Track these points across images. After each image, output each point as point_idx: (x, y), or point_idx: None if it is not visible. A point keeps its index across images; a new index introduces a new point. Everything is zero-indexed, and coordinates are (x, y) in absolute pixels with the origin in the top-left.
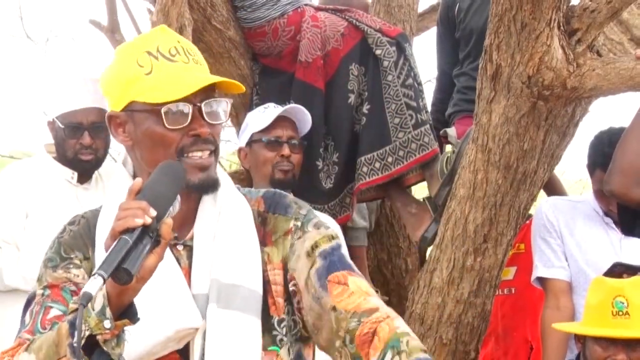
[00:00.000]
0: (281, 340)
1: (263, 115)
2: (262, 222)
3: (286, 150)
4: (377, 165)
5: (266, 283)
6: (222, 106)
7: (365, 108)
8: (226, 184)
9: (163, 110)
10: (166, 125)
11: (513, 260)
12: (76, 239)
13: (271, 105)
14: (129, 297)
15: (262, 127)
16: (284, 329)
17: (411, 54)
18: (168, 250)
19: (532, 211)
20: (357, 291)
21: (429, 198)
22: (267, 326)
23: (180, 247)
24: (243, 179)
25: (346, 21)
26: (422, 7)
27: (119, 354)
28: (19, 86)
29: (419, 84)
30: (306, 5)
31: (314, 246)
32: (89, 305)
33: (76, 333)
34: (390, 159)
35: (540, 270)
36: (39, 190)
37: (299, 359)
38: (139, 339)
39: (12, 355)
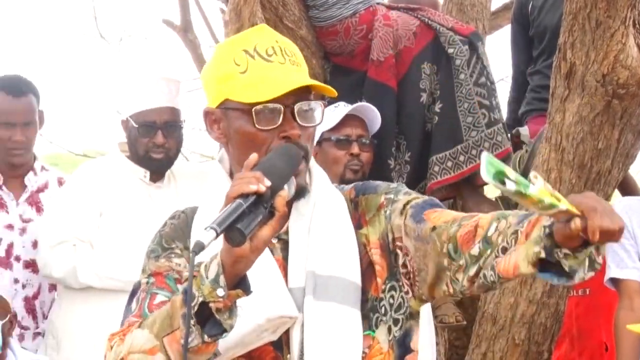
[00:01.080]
0: (378, 320)
1: (333, 114)
2: (355, 207)
3: (355, 149)
4: (449, 164)
5: (368, 265)
6: (316, 109)
7: (438, 107)
8: (320, 178)
9: (254, 110)
10: (256, 125)
11: None
12: (176, 231)
13: (341, 104)
14: (242, 268)
15: (331, 126)
16: (382, 309)
17: (484, 52)
18: None
19: None
20: (455, 212)
21: (501, 197)
22: (364, 311)
23: (274, 240)
24: None
25: (418, 20)
26: (494, 5)
27: (231, 325)
28: (92, 85)
29: (492, 82)
30: (378, 4)
31: (406, 203)
32: (203, 272)
33: (188, 295)
34: (462, 158)
35: (613, 271)
36: (113, 189)
37: (405, 338)
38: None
39: (124, 335)
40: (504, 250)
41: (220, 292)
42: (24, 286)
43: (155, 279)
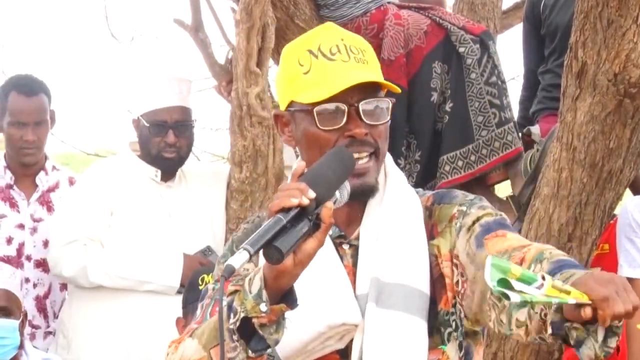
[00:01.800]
0: (450, 335)
1: None
2: (429, 216)
3: None
4: (460, 163)
5: (440, 277)
6: (382, 106)
7: (448, 106)
8: (395, 179)
9: (316, 110)
10: (319, 125)
11: (597, 261)
12: (247, 235)
13: None
14: (286, 282)
15: None
16: (454, 323)
17: (495, 51)
18: (332, 247)
19: (617, 211)
20: (515, 238)
21: (512, 197)
22: (435, 323)
23: (346, 247)
24: None
25: (429, 19)
26: (506, 4)
27: (276, 340)
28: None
29: (503, 81)
30: (389, 3)
31: (476, 220)
32: (247, 287)
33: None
34: (473, 158)
35: (625, 270)
36: (124, 188)
37: (467, 356)
38: (293, 333)
39: (179, 343)
40: None
41: (263, 307)
42: (34, 285)
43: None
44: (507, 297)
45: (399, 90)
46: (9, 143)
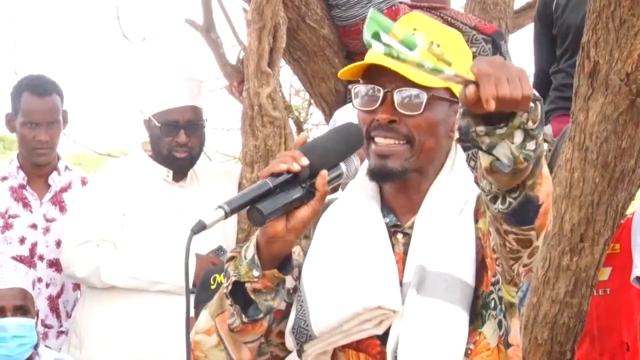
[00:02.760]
0: (489, 315)
1: (352, 113)
2: (477, 200)
3: None
4: (472, 163)
5: (482, 260)
6: (420, 97)
7: None
8: (460, 176)
9: (354, 90)
10: (355, 105)
11: (608, 261)
12: None
13: None
14: (280, 248)
15: None
16: (492, 302)
17: (507, 51)
18: (386, 234)
19: (629, 211)
20: None
21: None
22: (476, 309)
23: (399, 236)
24: None
25: (441, 19)
26: (517, 4)
27: (270, 307)
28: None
29: None
30: (400, 2)
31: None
32: (243, 253)
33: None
34: None
35: (639, 269)
36: (136, 189)
37: (506, 332)
38: (330, 311)
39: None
40: None
41: (256, 272)
42: (47, 285)
43: None
44: (370, 45)
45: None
46: (22, 143)
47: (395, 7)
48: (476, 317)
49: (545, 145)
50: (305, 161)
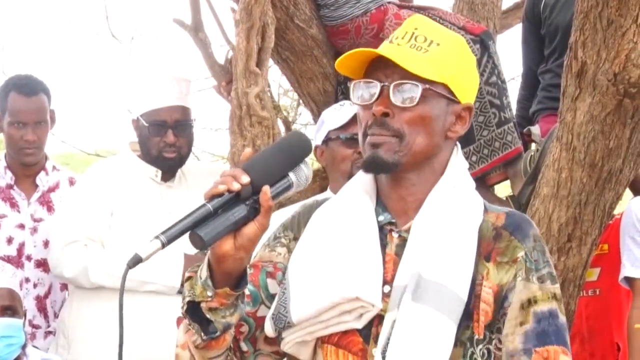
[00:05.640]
0: (472, 357)
1: (339, 112)
2: (496, 237)
3: None
4: (472, 159)
5: (476, 297)
6: (411, 89)
7: None
8: (461, 185)
9: (353, 84)
10: (353, 101)
11: (597, 261)
12: (294, 220)
13: (347, 102)
14: (232, 266)
15: (339, 125)
16: (481, 352)
17: (495, 51)
18: (376, 231)
19: (616, 211)
20: None
21: (512, 197)
22: (464, 339)
23: (395, 235)
24: (325, 177)
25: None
26: (506, 4)
27: (227, 324)
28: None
29: (503, 81)
30: (389, 2)
31: (532, 300)
32: (199, 272)
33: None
34: (474, 158)
35: (628, 269)
36: (124, 189)
37: None
38: (308, 301)
39: None
40: None
41: (209, 292)
42: (35, 285)
43: (252, 270)
44: None
45: (440, 79)
46: (9, 143)
47: (384, 7)
48: (460, 343)
49: (534, 146)
50: (245, 179)
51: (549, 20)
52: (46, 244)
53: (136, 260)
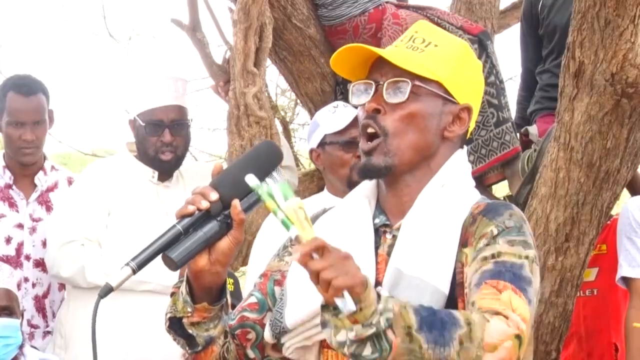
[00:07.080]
0: None
1: (335, 116)
2: (471, 223)
3: None
4: (470, 158)
5: (459, 286)
6: (402, 85)
7: None
8: (455, 182)
9: (351, 87)
10: (351, 102)
11: (595, 261)
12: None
13: (340, 104)
14: (210, 280)
15: (336, 129)
16: None
17: (493, 51)
18: (371, 234)
19: (614, 211)
20: (505, 301)
21: (510, 197)
22: None
23: (388, 236)
24: (320, 177)
25: (427, 18)
26: (503, 4)
27: (209, 337)
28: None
29: (501, 81)
30: (387, 2)
31: (496, 255)
32: (181, 289)
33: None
34: (471, 158)
35: (625, 269)
36: (121, 189)
37: None
38: (301, 305)
39: None
40: None
41: (189, 307)
42: (34, 285)
43: (262, 279)
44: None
45: (434, 76)
46: (8, 143)
47: (382, 6)
48: None
49: (532, 146)
50: (214, 196)
51: (546, 21)
52: (45, 243)
53: (107, 290)
